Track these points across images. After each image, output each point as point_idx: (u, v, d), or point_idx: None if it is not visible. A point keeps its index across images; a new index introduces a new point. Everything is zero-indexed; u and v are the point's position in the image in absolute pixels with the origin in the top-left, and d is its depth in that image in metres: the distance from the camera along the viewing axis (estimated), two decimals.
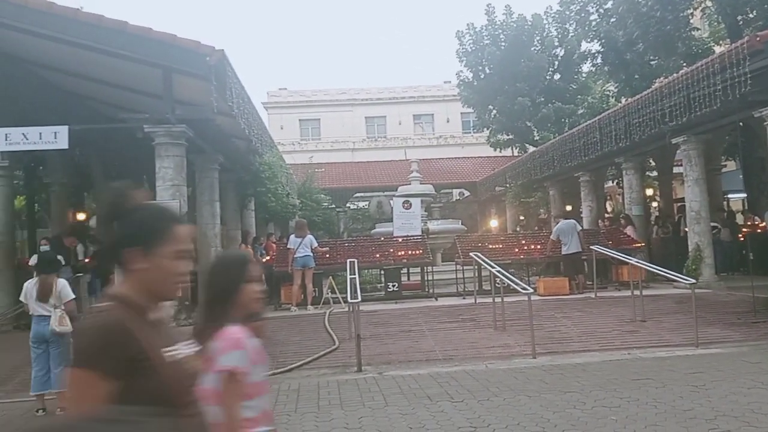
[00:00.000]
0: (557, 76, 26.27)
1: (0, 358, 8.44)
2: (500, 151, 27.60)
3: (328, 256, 12.11)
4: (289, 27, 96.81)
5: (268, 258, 13.23)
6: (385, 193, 23.90)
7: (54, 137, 8.48)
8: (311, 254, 11.36)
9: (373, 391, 6.58)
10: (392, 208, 20.94)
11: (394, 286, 11.99)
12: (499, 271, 9.23)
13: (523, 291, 8.23)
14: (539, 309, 9.41)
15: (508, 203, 21.57)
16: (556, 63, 26.15)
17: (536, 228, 18.97)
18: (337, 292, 11.54)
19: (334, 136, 35.16)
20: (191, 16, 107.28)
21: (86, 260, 12.31)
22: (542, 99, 25.19)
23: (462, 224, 18.87)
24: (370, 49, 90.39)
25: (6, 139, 8.54)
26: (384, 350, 8.57)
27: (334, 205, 23.17)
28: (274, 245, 13.88)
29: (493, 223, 22.63)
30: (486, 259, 10.29)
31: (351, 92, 36.94)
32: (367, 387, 6.80)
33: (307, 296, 11.38)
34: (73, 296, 6.75)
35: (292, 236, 11.64)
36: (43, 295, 6.52)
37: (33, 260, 9.94)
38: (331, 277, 11.95)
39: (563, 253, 11.76)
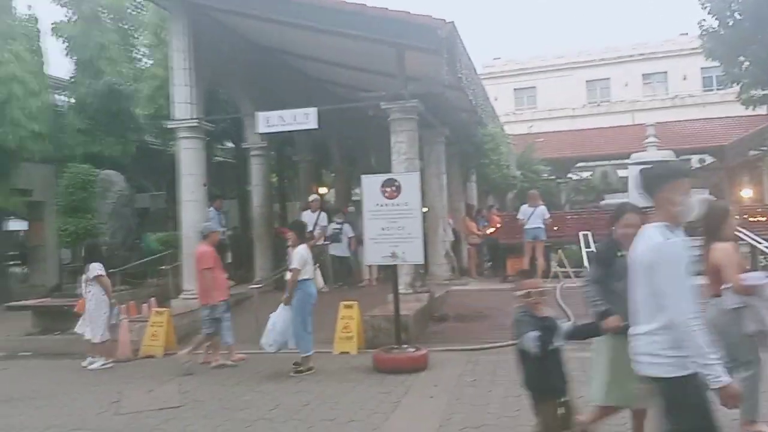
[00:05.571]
0: None
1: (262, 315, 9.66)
2: (754, 110, 23.75)
3: (556, 228, 11.66)
4: None
5: (492, 230, 13.17)
6: (611, 161, 22.21)
7: (305, 118, 9.35)
8: (543, 226, 11.01)
9: None
10: (619, 177, 19.42)
11: None
12: None
13: None
14: None
15: (766, 169, 18.56)
16: None
17: None
18: (567, 265, 11.06)
19: (552, 103, 33.61)
20: None
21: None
22: None
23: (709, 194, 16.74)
24: (590, 8, 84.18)
25: (267, 122, 9.65)
26: None
27: (554, 176, 22.23)
28: (496, 217, 13.77)
29: (746, 192, 19.66)
30: (751, 234, 8.92)
31: (569, 55, 34.83)
32: None
33: (536, 269, 11.09)
34: (294, 265, 6.92)
35: (524, 206, 11.41)
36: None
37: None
38: (560, 250, 11.48)
39: None
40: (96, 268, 8.12)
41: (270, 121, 9.61)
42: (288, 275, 7.03)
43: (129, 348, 8.48)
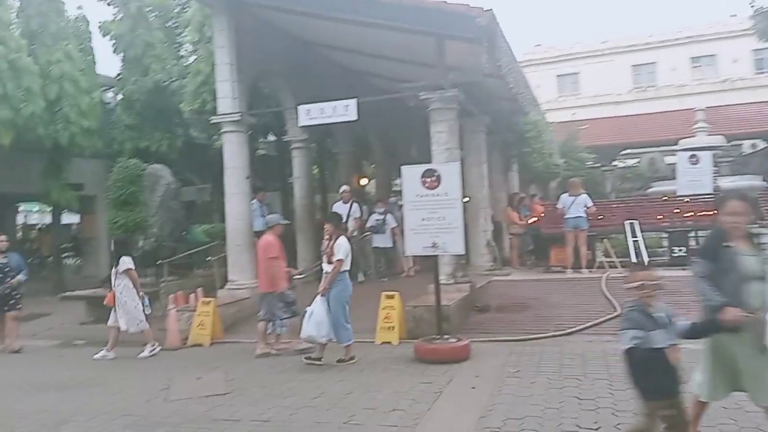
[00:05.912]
0: None
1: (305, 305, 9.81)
2: None
3: (602, 217, 11.41)
4: None
5: (534, 219, 12.98)
6: (659, 148, 21.58)
7: (345, 110, 9.40)
8: (584, 215, 10.81)
9: None
10: (667, 164, 18.84)
11: (680, 250, 10.78)
12: None
13: None
14: None
15: None
16: None
17: None
18: (613, 255, 10.83)
19: (595, 89, 32.83)
20: None
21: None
22: None
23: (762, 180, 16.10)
24: None
25: (308, 115, 9.75)
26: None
27: (599, 164, 21.74)
28: (539, 206, 13.55)
29: None
30: None
31: (614, 40, 33.93)
32: None
33: (580, 259, 10.91)
34: (339, 256, 6.92)
35: (563, 195, 11.21)
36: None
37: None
38: (606, 240, 11.24)
39: None
40: (126, 262, 8.39)
41: (311, 114, 9.70)
42: (326, 267, 7.09)
43: (178, 337, 8.73)
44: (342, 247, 6.96)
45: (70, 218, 19.10)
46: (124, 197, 12.00)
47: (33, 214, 23.25)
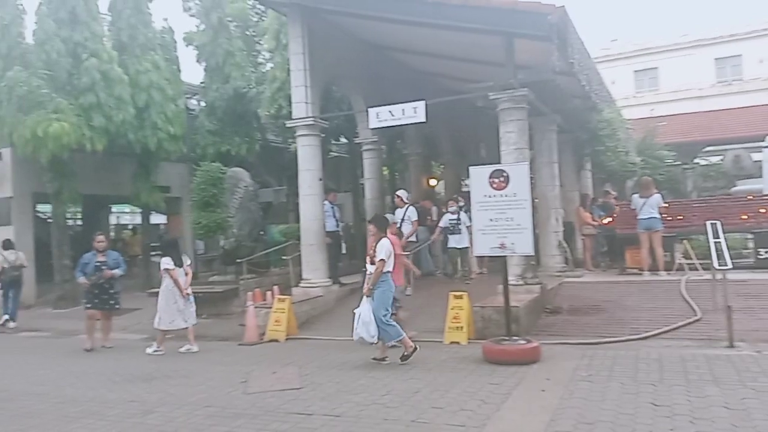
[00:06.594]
0: None
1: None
2: None
3: (681, 217, 10.96)
4: None
5: (609, 219, 12.61)
6: (744, 144, 20.38)
7: (414, 112, 9.52)
8: (658, 216, 10.44)
9: (753, 371, 5.76)
10: (754, 161, 17.79)
11: (767, 252, 10.21)
12: None
13: None
14: None
15: None
16: None
17: None
18: (693, 257, 10.38)
19: (675, 84, 31.32)
20: None
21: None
22: None
23: None
24: None
25: (377, 117, 9.94)
26: (760, 326, 7.45)
27: (679, 162, 20.76)
28: (617, 206, 13.12)
29: None
30: None
31: (695, 33, 32.25)
32: (744, 366, 5.98)
33: (656, 261, 10.53)
34: (381, 256, 6.98)
35: (635, 196, 10.88)
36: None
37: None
38: (685, 241, 10.78)
39: None
40: (165, 263, 8.85)
41: (380, 116, 9.89)
42: (369, 267, 7.15)
43: (256, 332, 9.15)
44: (384, 248, 7.03)
45: (157, 219, 20.26)
46: (206, 199, 12.66)
47: (124, 215, 24.78)
